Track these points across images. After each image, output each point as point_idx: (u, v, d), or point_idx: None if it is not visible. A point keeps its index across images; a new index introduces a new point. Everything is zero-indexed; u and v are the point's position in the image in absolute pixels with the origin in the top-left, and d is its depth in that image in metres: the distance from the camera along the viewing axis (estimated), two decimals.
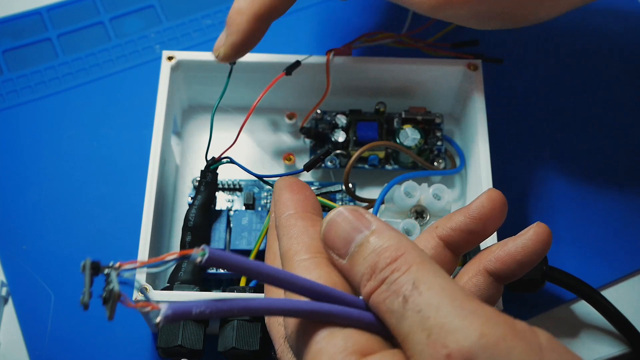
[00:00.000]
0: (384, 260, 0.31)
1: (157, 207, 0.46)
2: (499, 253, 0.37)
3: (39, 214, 0.52)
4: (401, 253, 0.31)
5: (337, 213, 0.33)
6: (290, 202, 0.37)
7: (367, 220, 0.33)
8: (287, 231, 0.36)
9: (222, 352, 0.43)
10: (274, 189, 0.38)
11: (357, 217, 0.33)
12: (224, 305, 0.30)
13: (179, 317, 0.29)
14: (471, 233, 0.37)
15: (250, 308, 0.30)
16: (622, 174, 0.54)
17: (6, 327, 0.49)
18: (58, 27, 0.59)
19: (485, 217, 0.37)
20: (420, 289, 0.30)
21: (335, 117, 0.51)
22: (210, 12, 0.60)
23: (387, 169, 0.52)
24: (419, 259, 0.31)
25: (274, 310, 0.31)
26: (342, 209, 0.34)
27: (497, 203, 0.37)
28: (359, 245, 0.32)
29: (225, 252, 0.30)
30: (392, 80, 0.52)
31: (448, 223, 0.38)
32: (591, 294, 0.48)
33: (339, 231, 0.33)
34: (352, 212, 0.33)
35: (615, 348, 0.49)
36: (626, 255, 0.52)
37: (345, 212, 0.33)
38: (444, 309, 0.29)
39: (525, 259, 0.37)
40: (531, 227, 0.37)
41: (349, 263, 0.33)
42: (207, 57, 0.51)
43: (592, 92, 0.57)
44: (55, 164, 0.53)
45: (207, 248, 0.29)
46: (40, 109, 0.56)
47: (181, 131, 0.54)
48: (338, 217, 0.33)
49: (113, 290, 0.29)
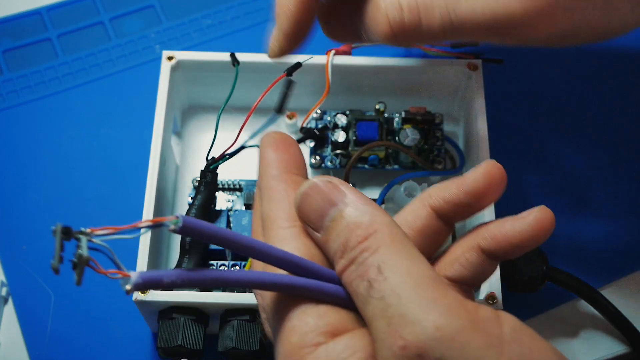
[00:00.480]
0: (354, 238, 0.31)
1: (157, 207, 0.46)
2: (494, 232, 0.34)
3: (39, 214, 0.52)
4: (373, 231, 0.31)
5: (310, 185, 0.33)
6: (273, 161, 0.35)
7: (341, 193, 0.32)
8: (268, 194, 0.35)
9: (222, 352, 0.43)
10: (259, 145, 0.37)
11: (331, 189, 0.32)
12: (195, 276, 0.29)
13: (149, 285, 0.29)
14: (465, 207, 0.35)
15: (222, 279, 0.30)
16: (622, 174, 0.54)
17: (6, 327, 0.49)
18: (58, 27, 0.59)
19: (480, 193, 0.35)
20: (385, 273, 0.29)
21: (335, 117, 0.51)
22: (210, 12, 0.60)
23: (387, 169, 0.52)
24: (389, 238, 0.30)
25: (246, 282, 0.31)
26: (316, 180, 0.33)
27: (495, 178, 0.35)
28: (332, 220, 0.32)
29: (200, 220, 0.29)
30: (392, 80, 0.52)
31: (441, 193, 0.35)
32: (591, 294, 0.48)
33: (312, 204, 0.32)
34: (325, 184, 0.32)
35: (615, 348, 0.49)
36: (626, 255, 0.52)
37: (318, 184, 0.32)
38: (405, 297, 0.28)
39: (523, 244, 0.34)
40: (533, 211, 0.34)
41: (324, 237, 0.32)
42: (207, 57, 0.51)
43: (592, 92, 0.57)
44: (55, 164, 0.53)
45: (182, 216, 0.29)
46: (40, 109, 0.56)
47: (181, 131, 0.54)
48: (311, 189, 0.33)
49: (82, 255, 0.28)
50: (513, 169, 0.54)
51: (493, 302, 0.43)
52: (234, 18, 0.59)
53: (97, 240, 0.29)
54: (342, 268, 0.31)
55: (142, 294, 0.42)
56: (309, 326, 0.31)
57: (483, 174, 0.35)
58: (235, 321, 0.43)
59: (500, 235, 0.34)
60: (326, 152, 0.52)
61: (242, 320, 0.43)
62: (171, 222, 0.29)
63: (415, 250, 0.31)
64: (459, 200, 0.35)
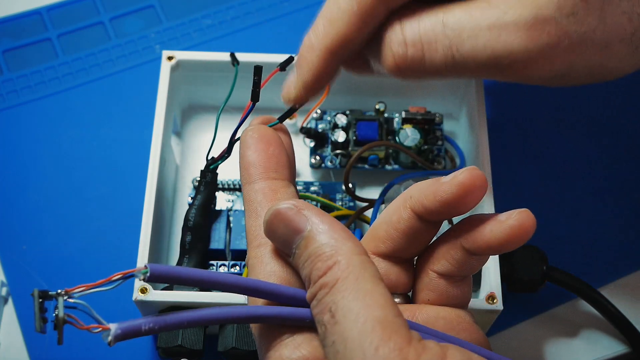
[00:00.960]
0: (315, 272, 0.31)
1: (157, 207, 0.46)
2: (475, 236, 0.33)
3: (39, 214, 0.52)
4: (332, 263, 0.30)
5: (274, 213, 0.32)
6: (251, 165, 0.35)
7: (303, 219, 0.32)
8: (247, 206, 0.35)
9: (222, 352, 0.43)
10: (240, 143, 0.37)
11: (295, 215, 0.32)
12: (171, 319, 0.30)
13: (129, 335, 0.30)
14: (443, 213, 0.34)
15: (198, 319, 0.30)
16: (623, 174, 0.54)
17: (6, 327, 0.49)
18: (58, 27, 0.59)
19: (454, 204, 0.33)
20: (337, 317, 0.29)
21: (335, 117, 0.51)
22: (210, 12, 0.60)
23: (387, 169, 0.52)
24: (347, 272, 0.30)
25: (221, 319, 0.31)
26: (279, 208, 0.32)
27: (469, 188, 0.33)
28: (298, 248, 0.32)
29: (167, 266, 0.30)
30: (392, 80, 0.52)
31: (420, 198, 0.34)
32: (591, 294, 0.48)
33: (278, 233, 0.32)
34: (289, 209, 0.32)
35: (615, 348, 0.49)
36: (626, 255, 0.52)
37: (282, 210, 0.32)
38: (350, 345, 0.28)
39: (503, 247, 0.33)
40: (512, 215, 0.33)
41: (293, 263, 0.32)
42: (207, 57, 0.51)
43: (593, 92, 0.57)
44: (55, 164, 0.53)
45: (149, 265, 0.29)
46: (40, 109, 0.56)
47: (181, 131, 0.54)
48: (275, 217, 0.32)
49: (59, 316, 0.30)
50: (513, 168, 0.54)
51: (493, 302, 0.43)
52: (234, 18, 0.59)
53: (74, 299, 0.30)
54: (309, 299, 0.31)
55: (142, 294, 0.42)
56: (282, 359, 0.31)
57: (457, 185, 0.33)
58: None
59: (480, 239, 0.34)
60: (326, 152, 0.52)
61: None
62: (140, 272, 0.30)
63: (374, 283, 0.30)
64: (437, 209, 0.34)
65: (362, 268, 0.30)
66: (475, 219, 0.34)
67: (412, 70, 0.40)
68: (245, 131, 0.37)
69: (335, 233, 0.31)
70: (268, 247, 0.34)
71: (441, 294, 0.35)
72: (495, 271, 0.44)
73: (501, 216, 0.33)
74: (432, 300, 0.35)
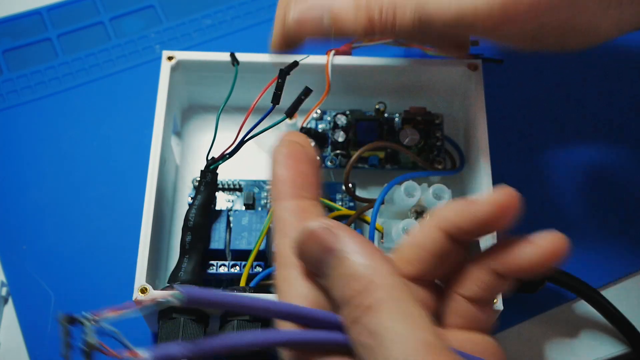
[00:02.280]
0: (350, 292, 0.30)
1: (157, 207, 0.46)
2: (507, 260, 0.34)
3: (39, 214, 0.52)
4: (368, 283, 0.30)
5: (306, 233, 0.32)
6: (281, 183, 0.35)
7: (337, 239, 0.31)
8: (277, 225, 0.34)
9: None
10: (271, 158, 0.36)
11: (328, 235, 0.31)
12: (206, 345, 0.30)
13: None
14: (476, 233, 0.34)
15: (232, 345, 0.30)
16: (623, 173, 0.54)
17: (6, 327, 0.49)
18: (58, 27, 0.59)
19: (491, 223, 0.34)
20: (379, 339, 0.28)
21: (335, 117, 0.51)
22: (210, 12, 0.60)
23: (387, 169, 0.52)
24: (386, 293, 0.29)
25: (255, 344, 0.31)
26: (312, 227, 0.32)
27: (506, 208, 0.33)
28: (331, 268, 0.31)
29: (202, 290, 0.30)
30: (392, 80, 0.52)
31: (453, 218, 0.34)
32: (591, 294, 0.48)
33: (310, 252, 0.32)
34: (322, 229, 0.32)
35: (615, 348, 0.49)
36: (626, 255, 0.52)
37: (315, 230, 0.32)
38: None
39: (536, 271, 0.34)
40: (545, 238, 0.34)
41: (325, 284, 0.32)
42: (207, 57, 0.51)
43: (592, 92, 0.57)
44: (55, 164, 0.53)
45: (185, 290, 0.29)
46: (40, 109, 0.56)
47: (181, 131, 0.54)
48: (307, 237, 0.32)
49: (89, 342, 0.30)
50: (513, 168, 0.54)
51: (493, 302, 0.43)
52: (234, 18, 0.59)
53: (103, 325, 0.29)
54: (344, 322, 0.31)
55: (142, 294, 0.42)
56: None
57: (494, 205, 0.33)
58: (235, 321, 0.43)
59: (512, 261, 0.34)
60: (326, 152, 0.52)
61: (242, 320, 0.43)
62: (174, 297, 0.29)
63: (414, 305, 0.30)
64: (470, 228, 0.34)
65: (400, 289, 0.30)
66: (506, 241, 0.34)
67: (384, 30, 0.41)
68: (275, 147, 0.36)
69: (369, 253, 0.31)
70: (297, 268, 0.33)
71: (469, 318, 0.35)
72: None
73: (533, 238, 0.34)
74: (460, 325, 0.35)
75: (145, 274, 0.43)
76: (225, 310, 0.39)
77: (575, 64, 0.58)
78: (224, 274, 0.47)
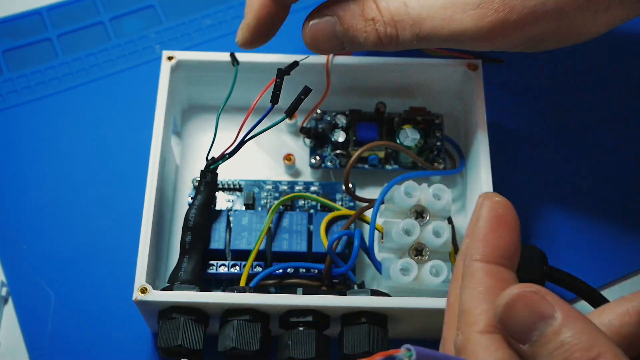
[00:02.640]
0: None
1: (157, 207, 0.46)
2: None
3: (39, 214, 0.52)
4: (595, 355, 0.28)
5: (516, 296, 0.31)
6: (486, 242, 0.34)
7: (549, 305, 0.30)
8: (470, 282, 0.33)
9: (222, 352, 0.43)
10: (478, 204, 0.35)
11: (539, 301, 0.30)
12: None
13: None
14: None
15: None
16: (623, 173, 0.54)
17: (6, 327, 0.49)
18: (58, 27, 0.59)
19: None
20: None
21: (335, 117, 0.51)
22: (210, 12, 0.60)
23: (387, 169, 0.52)
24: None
25: None
26: (521, 290, 0.31)
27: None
28: (543, 335, 0.30)
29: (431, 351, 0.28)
30: (392, 80, 0.52)
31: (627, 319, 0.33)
32: (591, 294, 0.48)
33: (518, 316, 0.30)
34: (533, 294, 0.30)
35: None
36: (626, 255, 0.52)
37: (526, 294, 0.30)
38: None
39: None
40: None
41: (530, 351, 0.30)
42: (207, 57, 0.51)
43: (593, 92, 0.57)
44: (55, 164, 0.53)
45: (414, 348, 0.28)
46: (40, 109, 0.56)
47: (181, 131, 0.54)
48: (518, 300, 0.31)
49: None
50: (512, 168, 0.54)
51: None
52: (234, 18, 0.59)
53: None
54: None
55: (142, 294, 0.42)
56: None
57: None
58: (235, 321, 0.43)
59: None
60: (326, 152, 0.52)
61: (242, 320, 0.43)
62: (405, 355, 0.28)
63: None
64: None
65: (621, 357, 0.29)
66: None
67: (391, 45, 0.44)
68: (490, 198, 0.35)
69: (589, 324, 0.30)
70: (489, 336, 0.32)
71: None
72: None
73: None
74: None
75: (145, 274, 0.43)
76: None
77: (576, 63, 0.58)
78: (224, 274, 0.47)
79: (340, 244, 0.47)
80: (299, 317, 0.43)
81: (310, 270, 0.47)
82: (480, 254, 0.33)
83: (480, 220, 0.34)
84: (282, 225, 0.48)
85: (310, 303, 0.43)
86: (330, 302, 0.43)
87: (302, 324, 0.43)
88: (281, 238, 0.47)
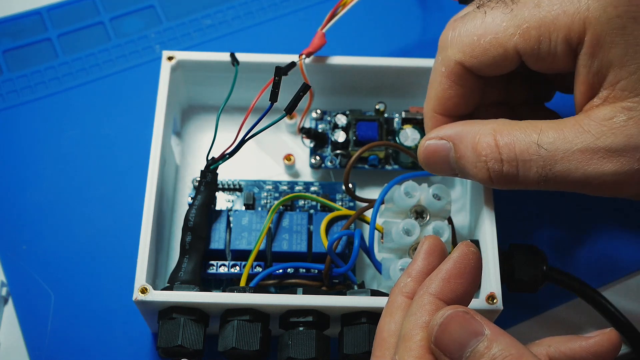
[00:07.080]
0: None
1: (157, 207, 0.46)
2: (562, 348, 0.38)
3: (39, 214, 0.52)
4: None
5: (450, 316, 0.33)
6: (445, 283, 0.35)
7: (479, 323, 0.33)
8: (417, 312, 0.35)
9: (222, 352, 0.43)
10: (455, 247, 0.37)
11: (469, 319, 0.33)
12: None
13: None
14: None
15: None
16: None
17: (6, 327, 0.49)
18: (58, 27, 0.59)
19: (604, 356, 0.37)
20: None
21: (335, 117, 0.51)
22: (210, 12, 0.60)
23: (387, 169, 0.52)
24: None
25: None
26: (454, 310, 0.33)
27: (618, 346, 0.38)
28: (475, 351, 0.32)
29: None
30: (392, 80, 0.52)
31: (562, 347, 0.38)
32: (591, 294, 0.48)
33: (452, 335, 0.33)
34: (464, 314, 0.33)
35: None
36: (626, 255, 0.52)
37: (458, 313, 0.33)
38: None
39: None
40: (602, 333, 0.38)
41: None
42: (207, 57, 0.51)
43: None
44: (55, 164, 0.53)
45: None
46: (40, 109, 0.56)
47: (181, 131, 0.54)
48: (451, 319, 0.33)
49: None
50: None
51: (493, 302, 0.43)
52: (234, 18, 0.59)
53: None
54: None
55: (142, 294, 0.42)
56: None
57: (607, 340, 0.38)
58: (235, 321, 0.43)
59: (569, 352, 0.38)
60: (326, 152, 0.52)
61: (242, 320, 0.43)
62: None
63: None
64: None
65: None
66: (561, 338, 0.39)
67: (505, 183, 0.42)
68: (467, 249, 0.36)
69: (512, 337, 0.33)
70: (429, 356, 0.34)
71: None
72: (495, 271, 0.44)
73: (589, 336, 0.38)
74: None
75: (145, 274, 0.43)
76: None
77: None
78: (224, 274, 0.47)
79: (340, 244, 0.47)
80: (299, 317, 0.43)
81: (310, 270, 0.47)
82: (437, 290, 0.35)
83: (450, 262, 0.36)
84: (282, 226, 0.48)
85: (310, 303, 0.43)
86: (330, 302, 0.43)
87: (302, 324, 0.43)
88: (281, 238, 0.47)
